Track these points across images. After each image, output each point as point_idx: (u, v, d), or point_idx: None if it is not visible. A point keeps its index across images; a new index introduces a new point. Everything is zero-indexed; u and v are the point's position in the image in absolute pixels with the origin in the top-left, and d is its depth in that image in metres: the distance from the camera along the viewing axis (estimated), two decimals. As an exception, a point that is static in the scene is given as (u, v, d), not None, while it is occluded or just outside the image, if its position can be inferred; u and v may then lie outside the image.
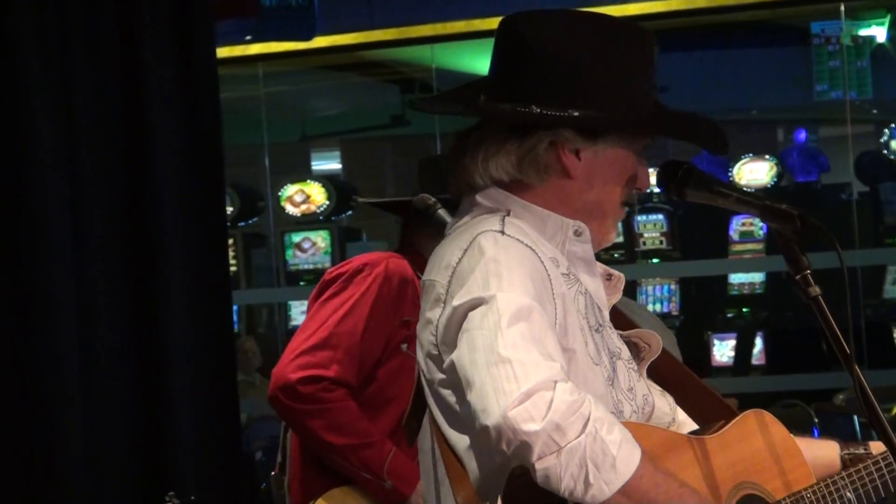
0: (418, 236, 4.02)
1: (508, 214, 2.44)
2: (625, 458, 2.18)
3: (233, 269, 9.84)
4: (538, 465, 2.14)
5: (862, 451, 2.70)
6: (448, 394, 2.35)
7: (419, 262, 3.93)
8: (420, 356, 2.43)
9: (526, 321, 2.23)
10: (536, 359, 2.19)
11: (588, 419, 2.15)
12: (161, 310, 5.02)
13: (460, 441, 2.35)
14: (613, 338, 2.50)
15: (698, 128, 2.61)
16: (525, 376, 2.16)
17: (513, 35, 2.48)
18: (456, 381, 2.28)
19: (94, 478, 4.75)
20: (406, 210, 3.98)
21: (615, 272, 2.60)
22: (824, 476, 2.61)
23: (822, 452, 2.69)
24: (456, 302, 2.30)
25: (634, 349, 2.57)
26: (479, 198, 2.48)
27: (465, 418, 2.27)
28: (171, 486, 4.02)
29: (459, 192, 2.53)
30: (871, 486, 2.60)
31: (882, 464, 2.60)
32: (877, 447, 2.69)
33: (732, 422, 2.52)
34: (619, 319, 2.59)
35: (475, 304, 2.27)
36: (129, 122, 5.02)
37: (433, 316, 2.37)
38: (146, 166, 5.03)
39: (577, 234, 2.48)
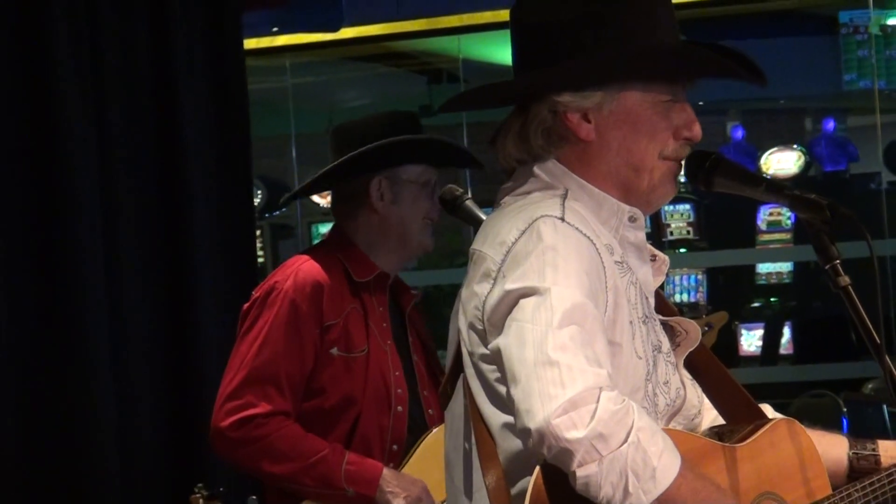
0: (351, 223, 3.81)
1: (566, 196, 2.38)
2: (665, 467, 2.16)
3: (260, 259, 9.86)
4: (579, 473, 2.13)
5: (870, 450, 2.67)
6: (490, 370, 2.32)
7: (351, 255, 3.75)
8: (462, 323, 2.38)
9: (578, 323, 2.20)
10: (584, 365, 2.16)
11: (631, 428, 2.14)
12: (189, 300, 5.04)
13: (495, 417, 2.32)
14: (657, 330, 2.46)
15: (709, 57, 2.48)
16: (571, 382, 2.13)
17: (511, 17, 2.46)
18: (501, 366, 2.25)
19: (125, 469, 4.77)
20: (338, 190, 3.81)
21: (659, 253, 2.55)
22: (830, 473, 2.60)
23: (832, 449, 2.66)
24: (509, 285, 2.26)
25: (670, 332, 2.54)
26: (536, 169, 2.44)
27: (508, 403, 2.24)
28: (200, 477, 4.02)
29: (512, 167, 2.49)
30: (888, 497, 2.58)
31: None
32: (884, 447, 2.67)
33: (763, 429, 2.50)
34: (660, 303, 2.55)
35: (528, 293, 2.23)
36: (158, 114, 5.04)
37: (481, 290, 2.33)
38: (175, 158, 5.05)
39: (632, 220, 2.44)
